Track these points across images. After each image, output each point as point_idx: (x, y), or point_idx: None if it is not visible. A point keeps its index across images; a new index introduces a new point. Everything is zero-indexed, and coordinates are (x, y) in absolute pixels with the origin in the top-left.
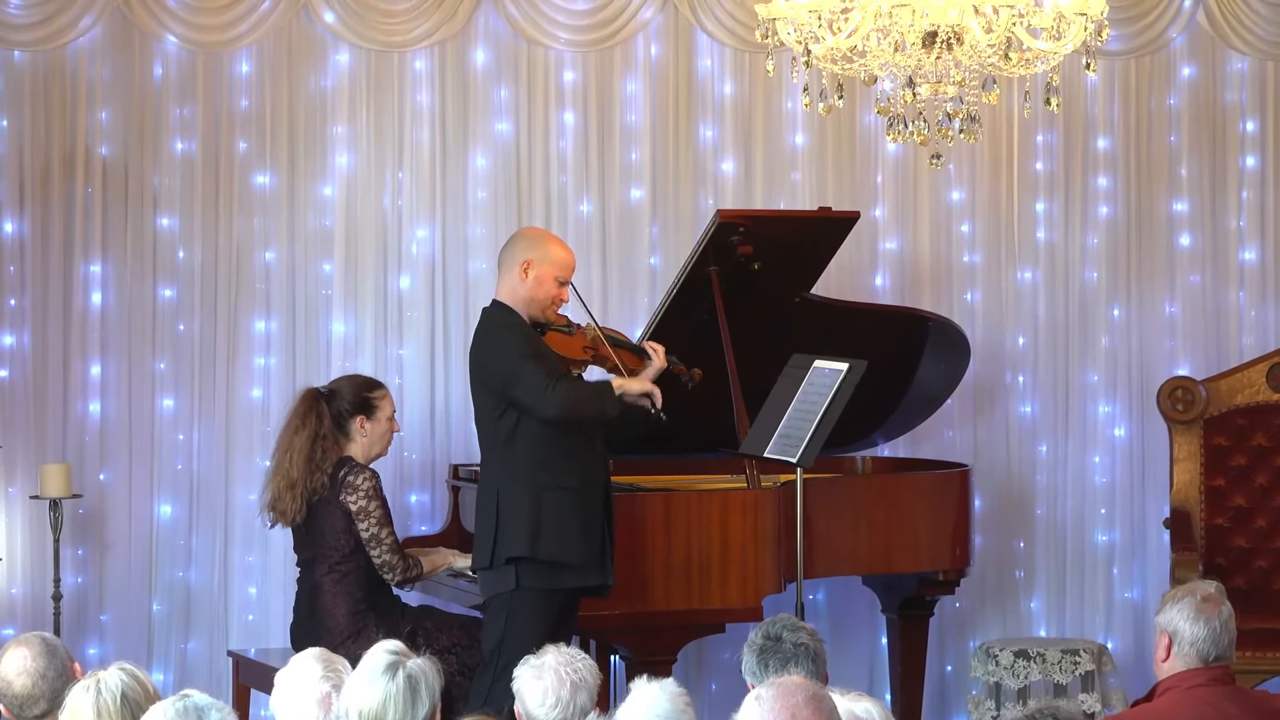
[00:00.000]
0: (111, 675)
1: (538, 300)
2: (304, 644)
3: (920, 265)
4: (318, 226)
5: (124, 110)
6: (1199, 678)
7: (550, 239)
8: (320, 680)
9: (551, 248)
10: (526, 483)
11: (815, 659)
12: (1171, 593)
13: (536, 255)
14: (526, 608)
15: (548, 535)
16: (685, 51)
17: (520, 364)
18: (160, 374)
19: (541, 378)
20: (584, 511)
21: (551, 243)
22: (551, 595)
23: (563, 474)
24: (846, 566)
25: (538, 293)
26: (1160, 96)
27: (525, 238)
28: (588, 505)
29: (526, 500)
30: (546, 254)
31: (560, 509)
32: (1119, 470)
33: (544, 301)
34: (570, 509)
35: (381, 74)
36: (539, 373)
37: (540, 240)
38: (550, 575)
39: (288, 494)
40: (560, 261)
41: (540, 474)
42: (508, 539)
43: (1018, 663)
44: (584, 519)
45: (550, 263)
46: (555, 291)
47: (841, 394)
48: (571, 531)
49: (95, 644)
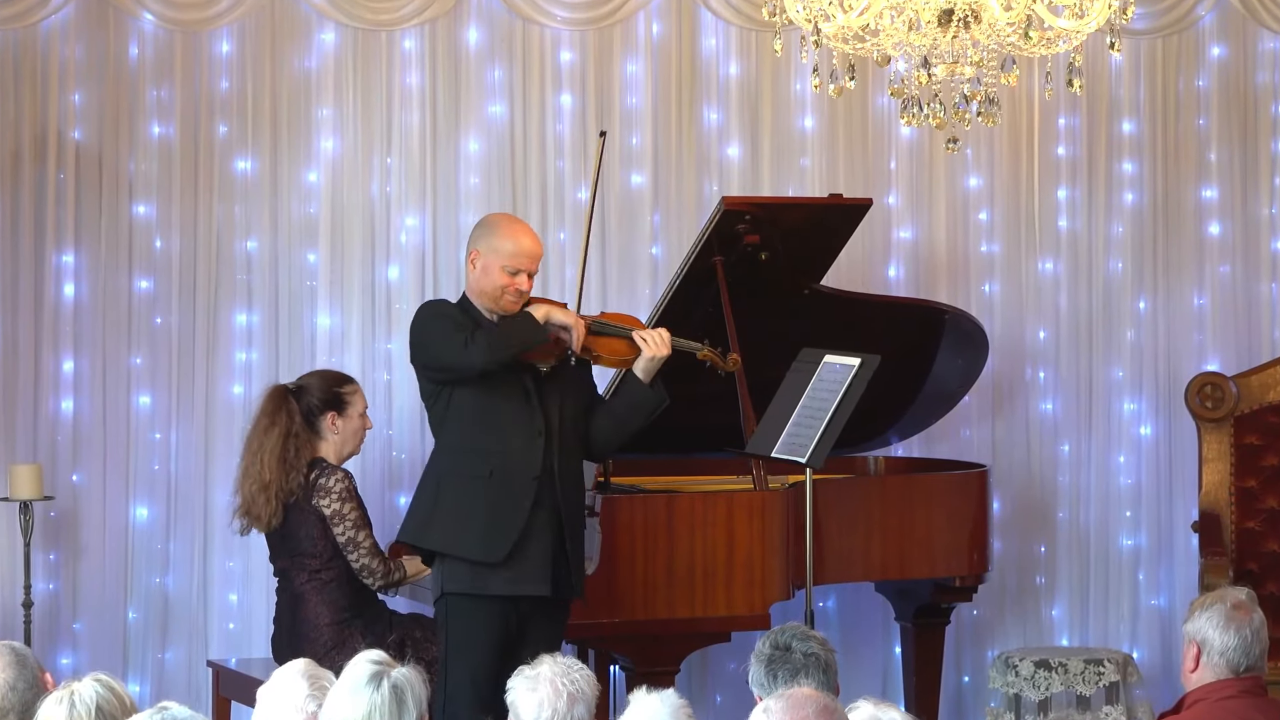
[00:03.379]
0: (86, 687)
1: (486, 292)
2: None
3: (936, 255)
4: (302, 214)
5: (98, 92)
6: (1229, 689)
7: (501, 227)
8: (307, 700)
9: (499, 237)
10: (435, 468)
11: (826, 670)
12: (1200, 600)
13: (483, 245)
14: (456, 615)
15: (440, 525)
16: (689, 30)
17: (433, 331)
18: (136, 369)
19: (456, 333)
20: (490, 506)
21: (501, 231)
22: (478, 602)
23: (472, 463)
24: (858, 572)
25: (485, 284)
26: (1188, 77)
27: (479, 225)
28: (500, 501)
29: (430, 488)
30: (492, 243)
31: (459, 500)
32: (1145, 471)
33: (493, 293)
34: (470, 501)
35: (369, 54)
36: (452, 330)
37: (490, 229)
38: (468, 577)
39: (261, 497)
40: (505, 249)
41: (448, 461)
42: (405, 526)
43: (1038, 673)
44: (488, 514)
45: (494, 252)
46: (504, 281)
47: (853, 391)
48: (467, 524)
49: (68, 654)
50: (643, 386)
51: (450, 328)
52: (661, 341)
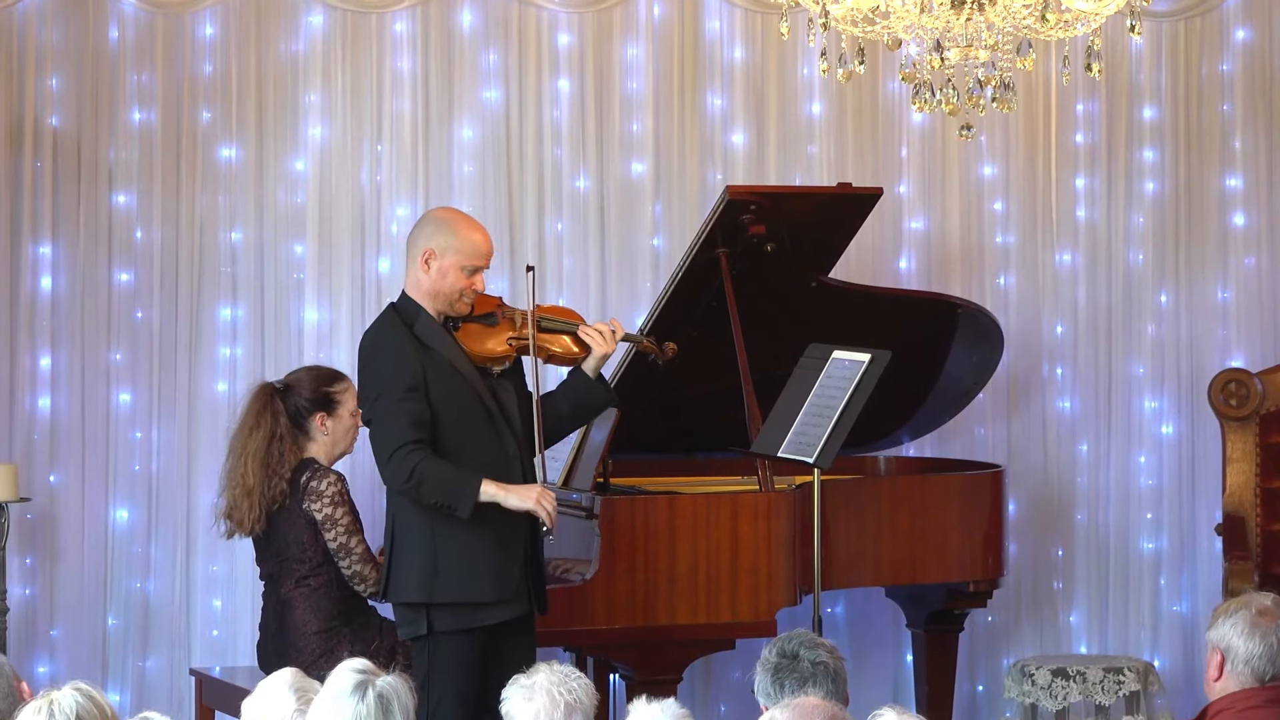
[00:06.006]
0: (65, 696)
1: (443, 294)
2: (272, 665)
3: (949, 247)
4: (288, 204)
5: (76, 77)
6: (1254, 699)
7: (457, 222)
8: (294, 714)
9: (457, 234)
10: (418, 516)
11: (835, 678)
12: (1224, 606)
13: (439, 243)
14: (445, 651)
15: (447, 575)
16: (691, 12)
17: (381, 408)
18: (116, 366)
19: (393, 435)
20: (493, 543)
21: (458, 227)
22: (472, 635)
23: None
24: (868, 577)
25: (442, 286)
26: (1212, 61)
27: (428, 222)
28: (499, 532)
29: (420, 534)
30: (451, 242)
31: (461, 545)
32: (1166, 471)
33: (450, 295)
34: (474, 543)
35: (358, 37)
36: (393, 427)
37: (444, 225)
38: (464, 616)
39: (244, 502)
40: (467, 249)
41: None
42: (403, 581)
43: (1056, 682)
44: (493, 549)
45: (455, 251)
46: (463, 283)
47: (863, 388)
48: (477, 568)
49: (45, 661)
50: (593, 385)
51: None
52: (612, 337)
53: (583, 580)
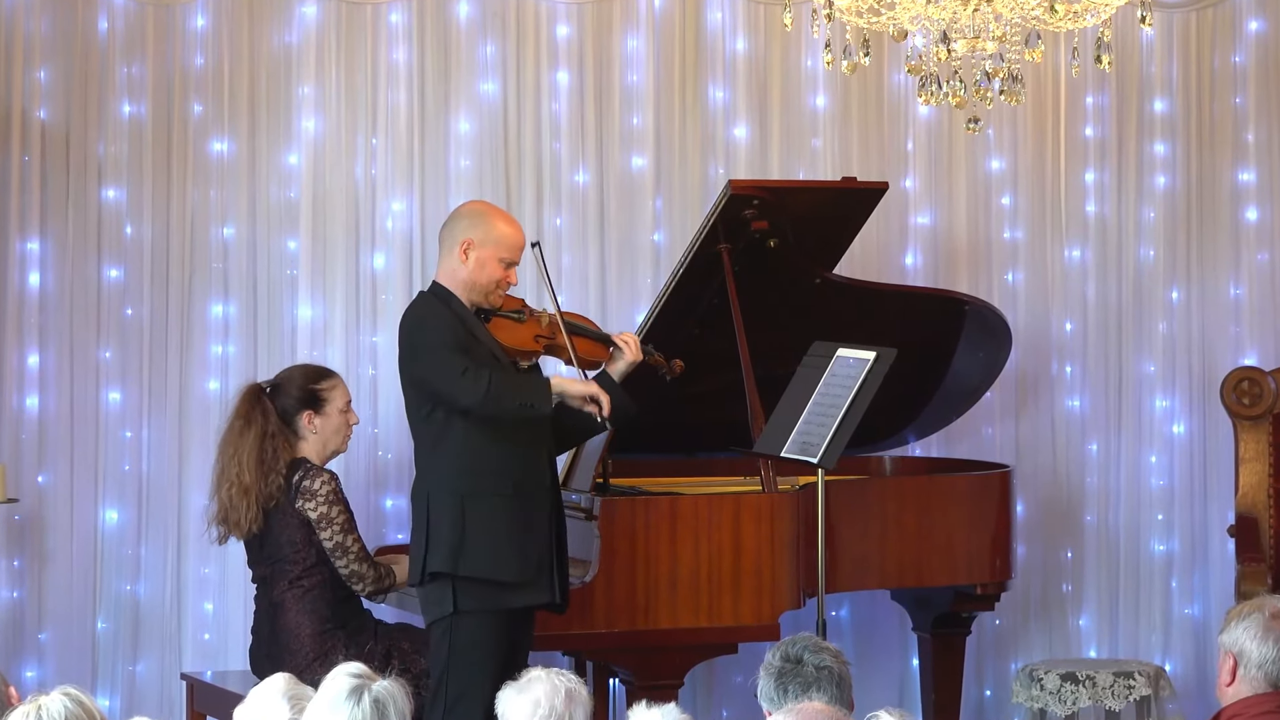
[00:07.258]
0: (54, 701)
1: (479, 285)
2: (265, 668)
3: (956, 242)
4: (281, 199)
5: (65, 69)
6: (1268, 704)
7: (495, 215)
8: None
9: (496, 226)
10: (453, 491)
11: (840, 683)
12: (1237, 609)
13: (478, 235)
14: (468, 632)
15: (473, 550)
16: (693, 3)
17: (436, 353)
18: (105, 363)
19: (457, 363)
20: (520, 523)
21: (496, 220)
22: (495, 617)
23: (494, 480)
24: (873, 579)
25: (479, 277)
26: (1224, 53)
27: (467, 214)
28: (525, 516)
29: (452, 510)
30: (490, 233)
31: (489, 521)
32: (1178, 472)
33: (486, 286)
34: (501, 520)
35: (353, 28)
36: (454, 358)
37: (483, 217)
38: (488, 595)
39: (242, 501)
40: (505, 241)
41: (468, 481)
42: (433, 554)
43: (1065, 687)
44: (519, 531)
45: (494, 243)
46: (500, 274)
47: (868, 386)
48: (501, 545)
49: (33, 665)
50: (621, 393)
51: (457, 359)
52: (638, 347)
53: (582, 583)
